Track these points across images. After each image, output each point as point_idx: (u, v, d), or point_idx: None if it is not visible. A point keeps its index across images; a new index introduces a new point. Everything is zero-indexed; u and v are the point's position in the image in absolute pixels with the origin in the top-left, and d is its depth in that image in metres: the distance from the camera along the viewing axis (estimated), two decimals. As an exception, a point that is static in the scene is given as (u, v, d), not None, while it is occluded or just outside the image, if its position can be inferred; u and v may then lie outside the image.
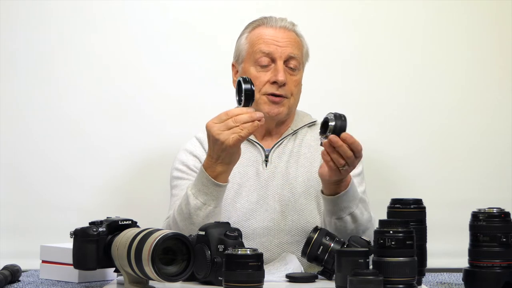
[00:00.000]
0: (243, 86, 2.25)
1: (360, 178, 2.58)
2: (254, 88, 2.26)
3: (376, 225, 1.98)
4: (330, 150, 2.21)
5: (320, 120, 2.67)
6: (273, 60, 2.54)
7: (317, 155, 2.56)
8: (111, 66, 3.13)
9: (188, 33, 3.14)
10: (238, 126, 2.22)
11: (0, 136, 3.09)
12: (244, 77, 2.26)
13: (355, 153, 2.21)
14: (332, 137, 2.19)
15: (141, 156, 3.12)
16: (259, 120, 2.23)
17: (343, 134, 2.20)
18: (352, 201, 2.32)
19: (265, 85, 2.52)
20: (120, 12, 3.14)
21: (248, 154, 2.56)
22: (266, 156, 2.57)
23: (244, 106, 2.25)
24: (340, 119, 2.20)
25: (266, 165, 2.56)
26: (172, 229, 2.33)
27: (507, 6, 3.16)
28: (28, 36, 3.12)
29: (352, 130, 2.76)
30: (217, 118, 2.26)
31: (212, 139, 2.25)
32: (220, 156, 2.26)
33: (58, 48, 3.12)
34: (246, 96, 2.25)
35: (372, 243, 2.04)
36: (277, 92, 2.53)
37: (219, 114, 2.26)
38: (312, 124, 2.66)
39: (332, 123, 2.20)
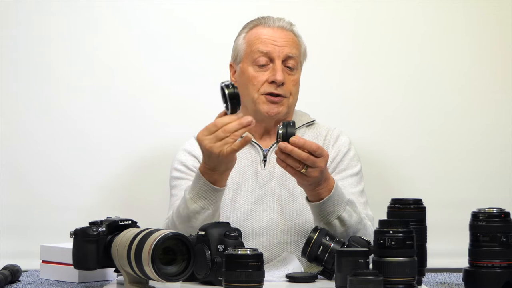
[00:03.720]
0: (226, 91, 2.19)
1: (358, 178, 2.58)
2: (238, 91, 2.19)
3: (376, 225, 1.98)
4: (283, 156, 2.18)
5: (318, 120, 2.69)
6: (271, 60, 2.54)
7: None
8: (111, 66, 3.13)
9: (188, 33, 3.14)
10: (229, 136, 2.19)
11: (0, 136, 3.10)
12: (226, 83, 2.20)
13: (313, 153, 2.18)
14: (281, 143, 2.17)
15: (141, 156, 3.12)
16: (249, 125, 2.19)
17: (291, 139, 2.17)
18: (338, 205, 2.30)
19: (263, 85, 2.53)
20: (120, 13, 3.14)
21: (247, 154, 2.56)
22: (265, 156, 2.57)
23: (232, 112, 2.20)
24: (288, 125, 2.18)
25: (264, 165, 2.56)
26: (170, 229, 2.33)
27: (507, 6, 3.16)
28: (28, 36, 3.12)
29: (351, 130, 2.78)
30: (206, 130, 2.22)
31: (206, 152, 2.23)
32: (216, 166, 2.25)
33: (58, 48, 3.12)
34: (232, 103, 2.19)
35: (371, 243, 2.05)
36: (276, 92, 2.53)
37: (207, 125, 2.23)
38: (310, 123, 2.66)
39: (280, 131, 2.18)
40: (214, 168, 2.25)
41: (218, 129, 2.20)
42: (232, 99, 2.18)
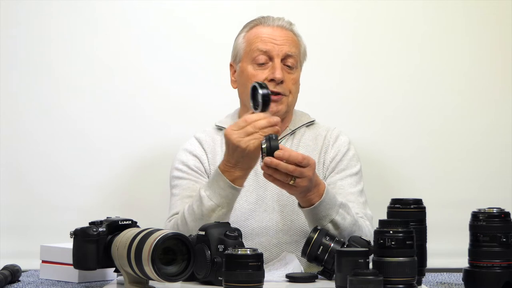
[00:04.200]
0: (260, 91, 2.23)
1: (357, 178, 2.57)
2: (270, 93, 2.25)
3: (376, 225, 1.98)
4: (270, 171, 2.20)
5: (318, 120, 2.69)
6: (270, 58, 2.55)
7: (315, 154, 2.57)
8: (111, 66, 3.13)
9: (188, 33, 3.14)
10: (257, 132, 2.21)
11: (0, 136, 3.10)
12: (260, 82, 2.25)
13: (299, 164, 2.19)
14: (266, 159, 2.18)
15: (141, 156, 3.12)
16: (276, 125, 2.22)
17: (276, 153, 2.18)
18: (330, 209, 2.30)
19: None
20: (120, 13, 3.14)
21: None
22: (265, 156, 2.56)
23: (262, 111, 2.24)
24: (271, 139, 2.19)
25: (264, 165, 2.56)
26: (179, 229, 2.34)
27: (507, 6, 3.16)
28: (28, 36, 3.12)
29: (351, 130, 2.78)
30: (236, 125, 2.25)
31: (232, 146, 2.24)
32: (239, 162, 2.26)
33: (58, 48, 3.12)
34: (264, 102, 2.23)
35: (371, 243, 2.05)
36: (275, 90, 2.53)
37: (237, 121, 2.26)
38: (310, 123, 2.66)
39: (264, 146, 2.19)
40: (237, 163, 2.27)
41: (248, 125, 2.22)
42: (265, 98, 2.23)
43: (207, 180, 2.53)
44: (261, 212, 2.52)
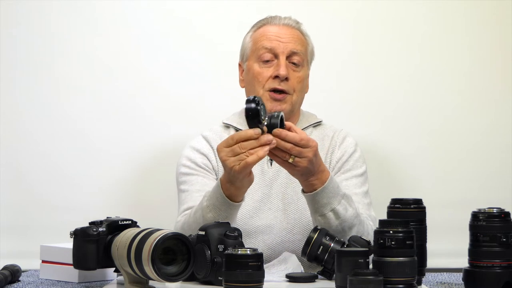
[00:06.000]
0: (245, 105, 2.12)
1: (362, 179, 2.57)
2: (256, 107, 2.11)
3: (376, 225, 1.98)
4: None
5: (325, 120, 2.69)
6: (276, 56, 2.55)
7: (322, 155, 2.55)
8: (112, 66, 3.13)
9: (189, 33, 3.14)
10: (243, 152, 2.14)
11: (0, 136, 3.10)
12: (250, 97, 2.13)
13: (297, 145, 2.16)
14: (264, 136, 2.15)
15: (142, 156, 3.12)
16: (268, 144, 2.14)
17: (274, 131, 2.15)
18: (333, 197, 2.29)
19: (267, 81, 2.53)
20: (121, 13, 3.15)
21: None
22: (271, 155, 2.56)
23: (251, 127, 2.14)
24: (272, 117, 2.16)
25: (271, 164, 2.56)
26: (185, 229, 2.34)
27: (507, 6, 3.16)
28: (28, 36, 3.12)
29: (351, 130, 2.78)
30: (225, 142, 2.18)
31: (222, 163, 2.22)
32: (231, 180, 2.23)
33: (58, 48, 3.13)
34: (247, 118, 2.12)
35: (371, 243, 2.05)
36: (279, 87, 2.53)
37: (227, 138, 2.20)
38: (317, 124, 2.66)
39: (265, 122, 2.15)
40: (229, 180, 2.24)
41: (235, 144, 2.16)
42: (248, 114, 2.12)
43: (215, 177, 2.54)
44: (266, 210, 2.52)
